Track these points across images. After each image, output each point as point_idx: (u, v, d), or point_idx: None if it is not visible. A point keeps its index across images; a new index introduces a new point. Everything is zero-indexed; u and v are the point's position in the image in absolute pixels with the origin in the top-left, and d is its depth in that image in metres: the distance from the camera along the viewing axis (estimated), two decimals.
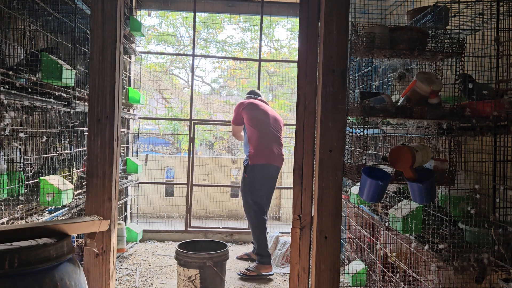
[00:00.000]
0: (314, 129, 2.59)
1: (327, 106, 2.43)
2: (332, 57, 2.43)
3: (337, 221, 2.44)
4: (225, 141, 11.02)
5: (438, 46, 2.33)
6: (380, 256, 3.30)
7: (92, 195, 2.56)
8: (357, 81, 2.99)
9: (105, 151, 2.57)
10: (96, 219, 2.38)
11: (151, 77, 10.68)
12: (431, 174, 2.16)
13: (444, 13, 2.57)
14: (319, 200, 2.43)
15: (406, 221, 2.45)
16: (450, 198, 2.47)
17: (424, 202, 2.19)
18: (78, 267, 2.07)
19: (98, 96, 2.56)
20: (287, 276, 4.46)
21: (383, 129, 3.11)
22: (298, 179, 2.60)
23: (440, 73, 2.49)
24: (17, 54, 2.99)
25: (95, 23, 2.56)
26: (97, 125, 2.57)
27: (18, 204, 2.80)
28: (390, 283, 3.11)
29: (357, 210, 3.78)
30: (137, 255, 5.01)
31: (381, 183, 2.12)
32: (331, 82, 2.43)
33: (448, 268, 2.26)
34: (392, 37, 2.33)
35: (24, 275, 1.77)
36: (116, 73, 2.59)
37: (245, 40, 12.08)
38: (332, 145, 2.43)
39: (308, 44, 2.59)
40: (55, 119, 3.61)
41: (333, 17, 2.43)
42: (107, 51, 2.56)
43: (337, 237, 2.44)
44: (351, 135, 2.52)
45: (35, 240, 1.93)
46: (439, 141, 2.62)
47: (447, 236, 2.26)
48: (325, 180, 2.43)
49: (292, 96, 10.56)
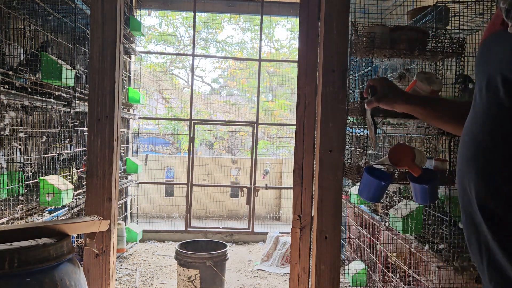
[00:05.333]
0: (314, 129, 2.59)
1: (327, 106, 2.43)
2: (332, 57, 2.43)
3: (337, 221, 2.43)
4: (225, 141, 11.02)
5: (438, 46, 2.33)
6: (380, 256, 3.30)
7: (92, 195, 2.56)
8: (357, 81, 2.98)
9: (105, 151, 2.56)
10: (96, 219, 2.38)
11: (151, 77, 10.68)
12: (435, 175, 2.15)
13: (444, 13, 2.57)
14: (319, 200, 2.43)
15: (406, 221, 2.45)
16: (450, 198, 2.47)
17: (427, 203, 2.18)
18: (78, 267, 2.06)
19: (98, 96, 2.56)
20: (287, 276, 4.46)
21: (383, 129, 3.11)
22: (298, 179, 2.59)
23: (440, 73, 2.49)
24: (17, 54, 2.99)
25: (95, 23, 2.56)
26: (97, 125, 2.56)
27: (18, 204, 2.80)
28: (390, 283, 3.11)
29: (357, 210, 3.78)
30: (137, 255, 5.00)
31: (384, 183, 2.11)
32: (331, 82, 2.43)
33: (449, 268, 2.26)
34: (392, 37, 2.33)
35: (24, 275, 1.77)
36: (116, 73, 2.58)
37: (245, 40, 12.09)
38: (332, 145, 2.43)
39: (308, 44, 2.59)
40: (55, 119, 3.61)
41: (333, 17, 2.43)
42: (107, 51, 2.56)
43: (337, 237, 2.44)
44: (351, 135, 2.52)
45: (35, 240, 1.92)
46: (439, 141, 2.62)
47: (447, 236, 2.25)
48: (325, 180, 2.43)
49: (292, 96, 10.56)
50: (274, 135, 11.06)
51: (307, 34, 2.59)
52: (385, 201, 3.11)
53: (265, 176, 7.32)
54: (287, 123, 9.31)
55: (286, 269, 4.63)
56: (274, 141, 11.07)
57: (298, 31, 2.62)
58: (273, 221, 7.21)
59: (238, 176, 7.85)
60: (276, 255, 4.88)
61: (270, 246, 4.99)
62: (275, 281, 4.35)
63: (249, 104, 11.32)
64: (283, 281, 4.36)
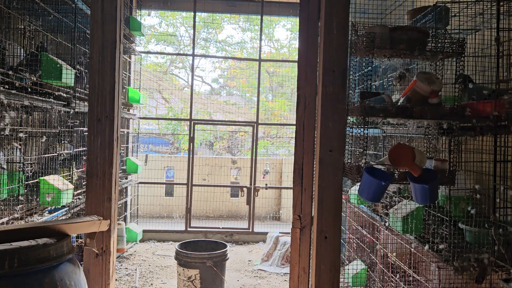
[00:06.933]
0: (314, 129, 2.59)
1: (327, 106, 2.43)
2: (332, 57, 2.43)
3: (337, 221, 2.43)
4: (225, 141, 11.02)
5: (438, 46, 2.33)
6: (380, 256, 3.30)
7: (92, 195, 2.56)
8: (357, 81, 2.98)
9: (105, 151, 2.56)
10: (96, 219, 2.38)
11: (151, 77, 10.68)
12: (435, 175, 2.15)
13: (444, 13, 2.57)
14: (319, 200, 2.43)
15: (406, 221, 2.45)
16: (450, 198, 2.47)
17: (427, 203, 2.18)
18: (78, 267, 2.06)
19: (98, 96, 2.56)
20: (287, 276, 4.46)
21: (383, 129, 3.11)
22: (298, 179, 2.59)
23: (440, 73, 2.49)
24: (17, 54, 2.99)
25: (95, 23, 2.56)
26: (97, 125, 2.56)
27: (18, 204, 2.80)
28: (390, 283, 3.11)
29: (357, 210, 3.78)
30: (137, 255, 5.00)
31: (384, 183, 2.11)
32: (331, 82, 2.43)
33: (448, 268, 2.26)
34: (392, 37, 2.33)
35: (24, 275, 1.77)
36: (116, 73, 2.59)
37: (245, 40, 12.08)
38: (332, 145, 2.43)
39: (308, 44, 2.59)
40: (55, 119, 3.61)
41: (333, 17, 2.43)
42: (107, 51, 2.56)
43: (337, 237, 2.43)
44: (351, 135, 2.52)
45: (35, 240, 1.92)
46: (439, 141, 2.62)
47: (447, 236, 2.25)
48: (325, 180, 2.43)
49: (292, 96, 10.56)
50: (274, 135, 11.06)
51: (307, 34, 2.59)
52: (385, 201, 3.11)
53: (265, 176, 7.32)
54: (287, 123, 9.31)
55: (286, 269, 4.63)
56: (274, 141, 11.07)
57: (298, 31, 2.62)
58: (273, 221, 7.21)
59: (238, 176, 7.85)
60: (276, 255, 4.88)
61: (270, 246, 4.99)
62: (275, 281, 4.35)
63: (249, 104, 11.32)
64: (283, 281, 4.36)
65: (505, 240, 2.04)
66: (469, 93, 2.35)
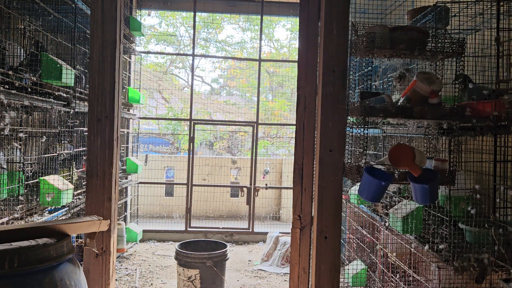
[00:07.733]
0: (314, 129, 2.59)
1: (327, 106, 2.43)
2: (332, 57, 2.43)
3: (337, 221, 2.43)
4: (225, 141, 11.02)
5: (438, 46, 2.33)
6: (380, 256, 3.30)
7: (92, 195, 2.56)
8: (357, 81, 2.98)
9: (105, 151, 2.56)
10: (96, 219, 2.38)
11: (151, 77, 10.68)
12: (435, 175, 2.15)
13: (444, 13, 2.57)
14: (319, 200, 2.43)
15: (406, 221, 2.45)
16: (450, 198, 2.47)
17: (427, 203, 2.18)
18: (78, 267, 2.06)
19: (98, 96, 2.56)
20: (287, 276, 4.46)
21: (383, 129, 3.11)
22: (298, 179, 2.59)
23: (440, 73, 2.49)
24: (17, 54, 2.99)
25: (95, 23, 2.56)
26: (97, 125, 2.56)
27: (18, 204, 2.80)
28: (390, 283, 3.11)
29: (357, 210, 3.78)
30: (137, 255, 5.00)
31: (384, 183, 2.11)
32: (331, 82, 2.43)
33: (448, 268, 2.26)
34: (392, 37, 2.33)
35: (24, 275, 1.77)
36: (116, 73, 2.59)
37: (245, 40, 12.09)
38: (332, 145, 2.43)
39: (308, 44, 2.59)
40: (55, 119, 3.61)
41: (333, 17, 2.43)
42: (107, 51, 2.56)
43: (337, 237, 2.43)
44: (351, 135, 2.52)
45: (35, 240, 1.92)
46: (439, 141, 2.62)
47: (447, 236, 2.25)
48: (325, 180, 2.43)
49: (292, 96, 10.56)
50: (274, 135, 11.06)
51: (307, 34, 2.59)
52: (385, 201, 3.11)
53: (265, 176, 7.32)
54: (287, 123, 9.31)
55: (286, 269, 4.63)
56: (274, 141, 11.07)
57: (298, 31, 2.62)
58: (273, 221, 7.21)
59: (238, 176, 7.85)
60: (276, 255, 4.88)
61: (270, 246, 4.99)
62: (275, 281, 4.35)
63: (249, 104, 11.32)
64: (283, 281, 4.36)
65: (505, 240, 2.04)
66: (469, 93, 2.35)
